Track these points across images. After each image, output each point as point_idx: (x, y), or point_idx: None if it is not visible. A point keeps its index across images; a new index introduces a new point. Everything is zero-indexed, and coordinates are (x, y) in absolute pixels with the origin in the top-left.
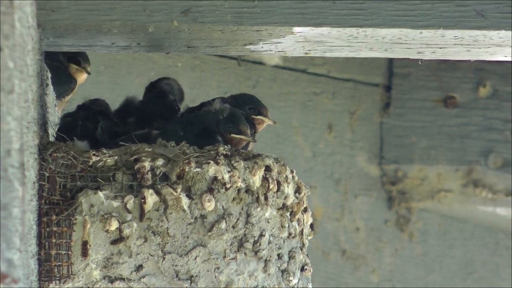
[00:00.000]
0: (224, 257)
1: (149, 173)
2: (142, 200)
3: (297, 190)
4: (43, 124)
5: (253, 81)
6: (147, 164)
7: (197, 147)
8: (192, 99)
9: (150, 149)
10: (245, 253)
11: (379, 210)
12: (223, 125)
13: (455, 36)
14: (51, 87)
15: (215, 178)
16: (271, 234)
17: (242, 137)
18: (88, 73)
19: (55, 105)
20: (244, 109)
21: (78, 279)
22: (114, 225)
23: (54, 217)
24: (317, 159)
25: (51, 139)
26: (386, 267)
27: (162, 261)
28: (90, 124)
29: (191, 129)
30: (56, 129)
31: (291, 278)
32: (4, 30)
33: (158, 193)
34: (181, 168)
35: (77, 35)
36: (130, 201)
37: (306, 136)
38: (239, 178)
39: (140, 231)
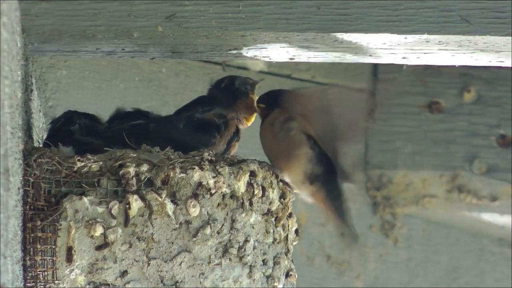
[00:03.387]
0: (209, 262)
1: (134, 178)
2: (127, 206)
3: (282, 196)
4: (27, 129)
5: None
6: (132, 170)
7: (194, 142)
8: (177, 105)
9: (135, 155)
10: (230, 259)
11: (363, 216)
12: (238, 90)
13: (439, 42)
14: (35, 93)
15: (200, 184)
16: (256, 240)
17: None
18: None
19: (40, 111)
20: (239, 92)
21: (63, 285)
22: (99, 230)
23: (39, 222)
24: None
25: (36, 144)
26: (371, 272)
27: (147, 267)
28: (70, 123)
29: (190, 123)
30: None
31: (276, 284)
32: None
33: (143, 198)
34: (166, 174)
35: (61, 40)
36: (115, 207)
37: None
38: (224, 183)
39: (125, 237)
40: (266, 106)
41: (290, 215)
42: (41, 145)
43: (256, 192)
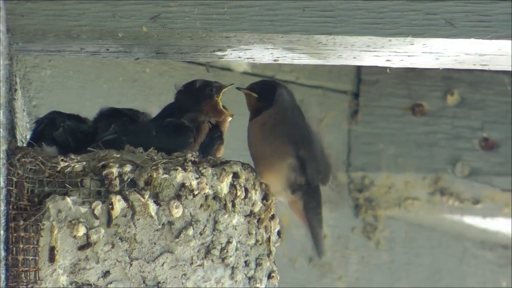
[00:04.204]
0: (191, 263)
1: (117, 179)
2: (110, 206)
3: (265, 197)
4: (11, 129)
5: None
6: (115, 170)
7: (170, 144)
8: (161, 105)
9: (118, 155)
10: (212, 260)
11: (346, 218)
12: (202, 93)
13: (424, 44)
14: (19, 92)
15: (182, 185)
16: (239, 241)
17: (224, 88)
18: None
19: (24, 110)
20: (205, 94)
21: (45, 285)
22: (81, 230)
23: (21, 222)
24: None
25: (20, 144)
26: (353, 274)
27: (129, 267)
28: (53, 126)
29: (163, 128)
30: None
31: (258, 285)
32: None
33: (125, 199)
34: (149, 175)
35: (46, 40)
36: (98, 207)
37: None
38: (206, 184)
39: (107, 237)
40: (258, 98)
41: (272, 217)
42: (24, 145)
43: (238, 193)
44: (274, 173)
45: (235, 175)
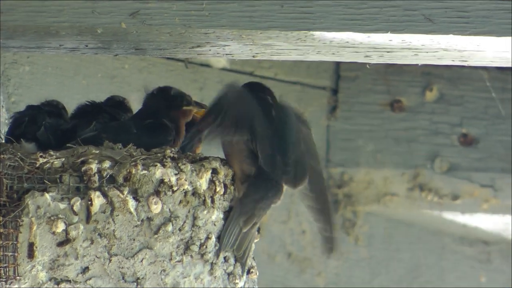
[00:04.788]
0: (171, 259)
1: (96, 175)
2: (89, 202)
3: None
4: None
5: (200, 84)
6: (94, 166)
7: (150, 143)
8: (140, 102)
9: (97, 151)
10: (191, 256)
11: None
12: (174, 101)
13: (402, 40)
14: None
15: (162, 181)
16: (218, 237)
17: (192, 108)
18: None
19: (3, 107)
20: (177, 103)
21: (24, 281)
22: (60, 227)
23: (0, 218)
24: None
25: None
26: (332, 270)
27: (109, 263)
28: (34, 124)
29: (143, 126)
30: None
31: (237, 281)
32: None
33: (104, 195)
34: (128, 171)
35: (25, 36)
36: (77, 203)
37: None
38: (186, 180)
39: (86, 233)
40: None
41: None
42: (3, 141)
43: (218, 189)
44: (233, 166)
45: (214, 171)
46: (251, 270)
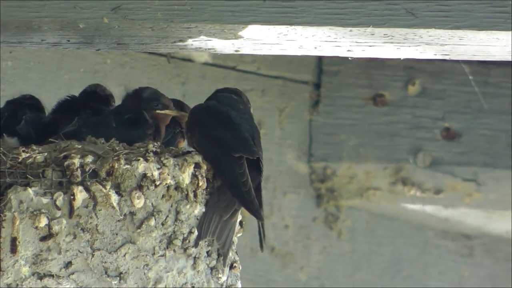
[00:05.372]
0: (153, 254)
1: (79, 169)
2: (72, 197)
3: None
4: None
5: (183, 78)
6: (76, 161)
7: (129, 137)
8: (122, 97)
9: (80, 146)
10: (174, 250)
11: (307, 208)
12: (146, 104)
13: (384, 34)
14: None
15: (144, 175)
16: None
17: (167, 111)
18: None
19: None
20: (148, 105)
21: (7, 276)
22: (43, 221)
23: None
24: None
25: None
26: (315, 264)
27: (91, 258)
28: (15, 119)
29: (121, 119)
30: None
31: (220, 275)
32: None
33: (87, 190)
34: (111, 165)
35: (7, 31)
36: (60, 198)
37: None
38: (168, 175)
39: (69, 228)
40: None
41: None
42: None
43: (200, 183)
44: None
45: (197, 166)
46: (234, 265)
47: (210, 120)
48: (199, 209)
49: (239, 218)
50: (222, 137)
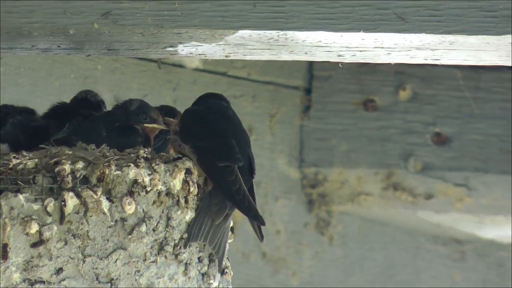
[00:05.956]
0: (145, 260)
1: (70, 176)
2: (63, 203)
3: None
4: None
5: (174, 84)
6: (67, 167)
7: (120, 144)
8: (112, 103)
9: (71, 152)
10: (165, 256)
11: (299, 213)
12: (133, 117)
13: (375, 39)
14: None
15: (135, 181)
16: None
17: (155, 125)
18: None
19: None
20: (136, 119)
21: None
22: (34, 228)
23: None
24: None
25: None
26: (306, 270)
27: (83, 264)
28: (4, 124)
29: (112, 127)
30: None
31: (211, 281)
32: None
33: (78, 196)
34: (102, 171)
35: None
36: (51, 204)
37: None
38: (159, 181)
39: (60, 234)
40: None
41: None
42: None
43: (191, 189)
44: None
45: (188, 171)
46: (225, 270)
47: (197, 128)
48: (190, 215)
49: (231, 223)
50: (207, 147)
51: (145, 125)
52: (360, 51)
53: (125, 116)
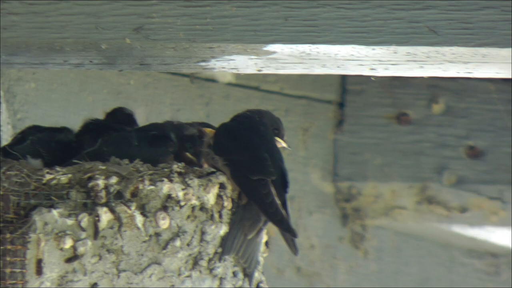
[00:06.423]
0: (179, 274)
1: (103, 191)
2: (96, 218)
3: None
4: None
5: (206, 99)
6: (101, 182)
7: (150, 154)
8: (146, 118)
9: (104, 167)
10: (200, 271)
11: (333, 227)
12: (181, 142)
13: (407, 53)
14: (4, 106)
15: (169, 196)
16: None
17: (193, 159)
18: None
19: (8, 123)
20: (183, 145)
21: None
22: (68, 243)
23: (8, 235)
24: None
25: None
26: (341, 284)
27: (117, 279)
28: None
29: (144, 137)
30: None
31: None
32: None
33: (112, 211)
34: (135, 186)
35: (29, 52)
36: (84, 219)
37: None
38: (193, 195)
39: (94, 249)
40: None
41: None
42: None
43: (225, 204)
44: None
45: (222, 186)
46: (260, 285)
47: (230, 142)
48: (224, 230)
49: (265, 238)
50: (240, 160)
51: (187, 153)
52: (393, 64)
53: (174, 134)
